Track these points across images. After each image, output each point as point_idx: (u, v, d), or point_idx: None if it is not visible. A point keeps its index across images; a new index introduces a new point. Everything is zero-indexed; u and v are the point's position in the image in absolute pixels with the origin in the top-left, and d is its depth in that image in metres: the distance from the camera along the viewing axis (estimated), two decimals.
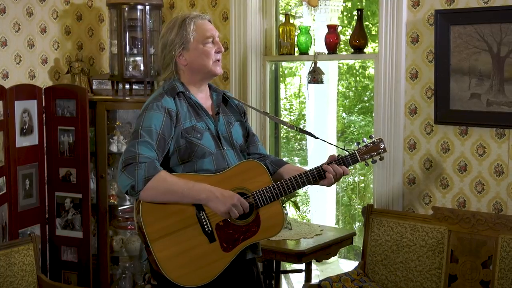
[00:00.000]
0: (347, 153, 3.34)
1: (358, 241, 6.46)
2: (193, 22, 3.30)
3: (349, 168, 3.32)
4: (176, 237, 3.08)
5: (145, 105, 3.24)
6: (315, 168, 3.28)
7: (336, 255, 5.28)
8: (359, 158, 3.31)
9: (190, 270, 3.07)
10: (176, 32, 3.30)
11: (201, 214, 3.11)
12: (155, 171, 3.02)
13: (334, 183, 3.30)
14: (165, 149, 3.17)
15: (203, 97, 3.39)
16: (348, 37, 5.14)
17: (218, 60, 3.34)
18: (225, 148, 3.32)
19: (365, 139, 3.34)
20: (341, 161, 3.29)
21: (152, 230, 3.05)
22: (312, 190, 8.01)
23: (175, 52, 3.31)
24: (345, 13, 7.86)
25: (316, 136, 3.54)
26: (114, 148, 5.61)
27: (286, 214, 5.24)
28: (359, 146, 3.33)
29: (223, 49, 3.38)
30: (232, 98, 3.55)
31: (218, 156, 3.27)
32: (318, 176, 3.27)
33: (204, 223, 3.11)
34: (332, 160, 3.30)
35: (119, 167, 3.04)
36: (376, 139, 3.34)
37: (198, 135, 3.23)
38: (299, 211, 6.28)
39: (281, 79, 8.17)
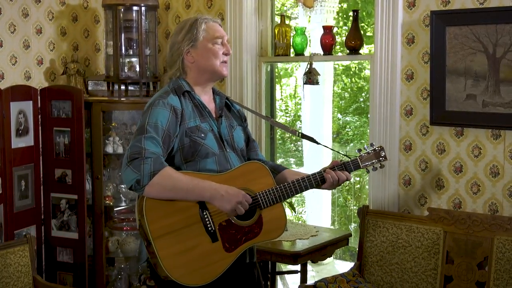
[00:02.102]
0: (349, 159, 3.38)
1: (353, 242, 6.46)
2: (205, 23, 3.36)
3: (351, 173, 3.36)
4: (178, 235, 3.08)
5: (151, 102, 3.26)
6: (318, 172, 3.33)
7: (331, 256, 5.29)
8: (360, 165, 3.37)
9: (192, 269, 3.07)
10: (187, 30, 3.35)
11: (204, 213, 3.11)
12: (161, 166, 3.02)
13: (335, 187, 3.35)
14: (170, 146, 3.19)
15: (206, 99, 3.41)
16: (344, 38, 5.14)
17: (225, 62, 3.37)
18: (227, 150, 3.33)
19: (366, 146, 3.42)
20: (343, 167, 3.34)
21: (155, 228, 3.05)
22: (307, 191, 8.00)
23: (184, 49, 3.34)
24: (340, 14, 7.86)
25: (318, 142, 3.56)
26: (109, 149, 5.61)
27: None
28: (361, 153, 3.38)
29: (231, 52, 3.40)
30: (234, 104, 3.57)
31: (221, 157, 3.29)
32: (320, 180, 3.31)
33: (207, 222, 3.12)
34: (334, 165, 3.34)
35: (124, 161, 3.04)
36: (377, 147, 3.41)
37: (202, 135, 3.25)
38: (295, 212, 6.28)
39: (277, 80, 8.17)
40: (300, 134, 3.64)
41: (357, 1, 7.18)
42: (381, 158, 3.39)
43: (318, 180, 3.32)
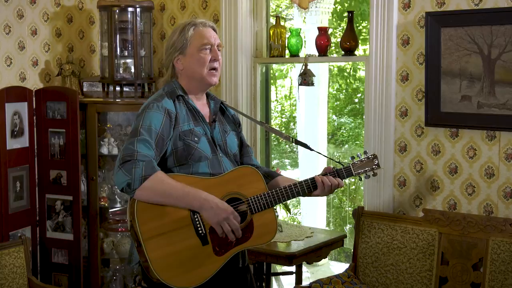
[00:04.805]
0: (342, 166, 3.37)
1: (348, 243, 6.47)
2: (193, 28, 3.33)
3: (343, 180, 3.35)
4: (169, 237, 3.07)
5: (145, 105, 3.25)
6: (310, 179, 3.32)
7: (326, 257, 5.28)
8: (353, 172, 3.36)
9: (181, 272, 3.06)
10: (177, 36, 3.35)
11: (195, 216, 3.10)
12: (152, 171, 3.01)
13: (327, 194, 3.35)
14: (163, 149, 3.18)
15: (200, 104, 3.40)
16: (339, 39, 5.15)
17: (214, 69, 3.34)
18: (220, 154, 3.33)
19: (359, 154, 3.41)
20: (336, 173, 3.33)
21: (146, 229, 3.04)
22: None
23: (173, 56, 3.34)
24: (335, 16, 7.88)
25: (312, 148, 3.57)
26: (104, 150, 5.60)
27: (277, 216, 5.24)
28: (354, 161, 3.37)
29: (219, 58, 3.36)
30: (229, 108, 3.57)
31: (214, 161, 3.28)
32: (312, 187, 3.30)
33: (198, 225, 3.11)
34: (327, 172, 3.34)
35: (117, 164, 3.04)
36: (371, 155, 3.40)
37: (196, 139, 3.24)
38: (290, 213, 6.29)
39: (272, 81, 8.18)
40: (294, 140, 3.63)
41: (352, 2, 7.19)
42: (374, 166, 3.38)
43: (310, 186, 3.31)
